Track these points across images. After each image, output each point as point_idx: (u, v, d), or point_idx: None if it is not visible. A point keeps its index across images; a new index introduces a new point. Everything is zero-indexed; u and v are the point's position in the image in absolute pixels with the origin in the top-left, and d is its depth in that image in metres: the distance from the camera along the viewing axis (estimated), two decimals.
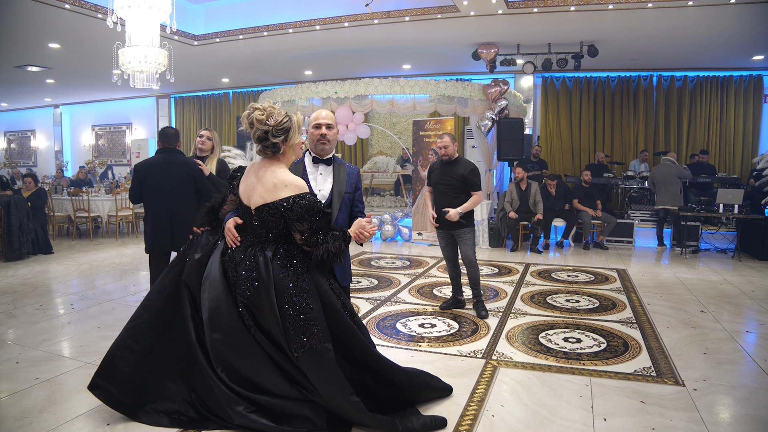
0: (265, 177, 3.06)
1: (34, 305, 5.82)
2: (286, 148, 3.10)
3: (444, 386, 3.50)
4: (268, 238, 3.09)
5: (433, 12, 8.96)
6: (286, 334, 2.94)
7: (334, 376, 2.92)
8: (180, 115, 17.72)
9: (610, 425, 3.15)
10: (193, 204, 4.91)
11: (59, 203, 11.25)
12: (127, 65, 7.20)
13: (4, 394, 3.55)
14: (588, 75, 13.12)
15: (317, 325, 2.93)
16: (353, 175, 3.50)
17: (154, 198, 4.93)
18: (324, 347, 2.92)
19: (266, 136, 3.03)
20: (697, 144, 12.49)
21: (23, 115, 20.68)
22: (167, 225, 4.91)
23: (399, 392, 3.23)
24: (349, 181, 3.45)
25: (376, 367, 3.15)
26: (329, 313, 3.03)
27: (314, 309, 2.96)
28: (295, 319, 2.93)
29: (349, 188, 3.44)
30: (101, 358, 3.00)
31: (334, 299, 3.08)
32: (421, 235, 10.19)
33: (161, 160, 4.97)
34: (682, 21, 8.89)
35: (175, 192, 4.90)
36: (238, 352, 3.01)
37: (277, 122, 3.02)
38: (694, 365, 4.09)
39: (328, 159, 3.47)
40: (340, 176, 3.43)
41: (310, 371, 2.94)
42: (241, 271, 3.05)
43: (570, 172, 13.10)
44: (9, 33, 9.74)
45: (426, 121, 10.12)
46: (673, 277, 7.30)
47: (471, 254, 5.33)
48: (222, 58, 12.09)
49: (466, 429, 3.10)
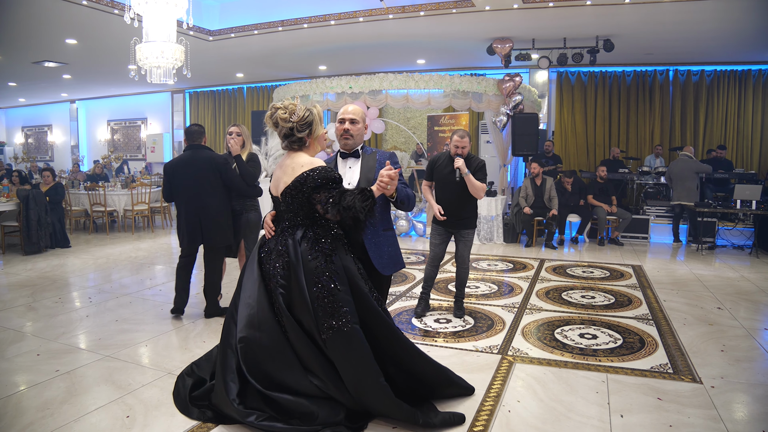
0: (286, 164, 3.16)
1: (53, 298, 5.89)
2: (311, 141, 3.20)
3: (466, 385, 3.46)
4: (297, 222, 3.14)
5: (448, 7, 8.93)
6: (315, 316, 2.97)
7: (363, 358, 2.95)
8: (195, 110, 17.80)
9: (627, 422, 3.14)
10: (220, 198, 5.08)
11: (76, 197, 11.36)
12: (144, 61, 7.25)
13: (26, 386, 3.61)
14: (603, 70, 13.01)
15: (345, 306, 2.96)
16: (383, 160, 3.35)
17: (183, 196, 5.09)
18: (353, 329, 2.94)
19: (292, 132, 3.13)
20: (714, 139, 12.35)
21: (40, 111, 20.89)
22: (196, 220, 5.04)
23: (420, 384, 3.21)
24: (379, 167, 3.33)
25: (401, 355, 3.14)
26: (357, 296, 3.04)
27: (342, 290, 2.98)
28: (323, 300, 2.96)
29: (378, 175, 3.24)
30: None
31: (362, 283, 3.09)
32: None
33: (187, 158, 5.11)
34: (700, 14, 8.78)
35: (201, 188, 5.03)
36: (262, 346, 3.05)
37: (300, 118, 3.11)
38: (711, 362, 4.06)
39: (356, 152, 3.44)
40: (369, 165, 3.37)
41: (338, 354, 2.96)
42: (273, 258, 3.13)
43: (585, 168, 13.01)
44: (27, 29, 9.84)
45: (440, 116, 10.10)
46: (689, 273, 7.24)
47: (468, 255, 5.23)
48: (237, 53, 12.12)
49: (483, 424, 3.10)
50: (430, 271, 5.29)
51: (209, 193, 5.04)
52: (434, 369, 3.28)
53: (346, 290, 3.00)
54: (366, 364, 2.95)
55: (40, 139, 21.36)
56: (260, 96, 16.42)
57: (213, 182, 5.05)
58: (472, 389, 3.47)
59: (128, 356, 4.17)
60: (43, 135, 21.26)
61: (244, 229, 5.40)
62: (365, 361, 2.95)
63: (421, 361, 3.22)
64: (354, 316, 2.97)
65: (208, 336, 4.65)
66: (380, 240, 3.37)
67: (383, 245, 3.37)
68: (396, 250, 3.48)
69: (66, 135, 20.58)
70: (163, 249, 9.18)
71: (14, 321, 5.06)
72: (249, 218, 5.41)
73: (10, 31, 9.94)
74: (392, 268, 3.44)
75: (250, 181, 5.16)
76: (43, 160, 20.37)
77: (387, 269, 3.40)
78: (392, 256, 3.43)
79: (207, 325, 5.00)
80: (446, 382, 3.35)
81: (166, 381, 3.69)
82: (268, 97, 15.78)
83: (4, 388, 3.57)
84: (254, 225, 5.45)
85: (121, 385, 3.63)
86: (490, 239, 9.77)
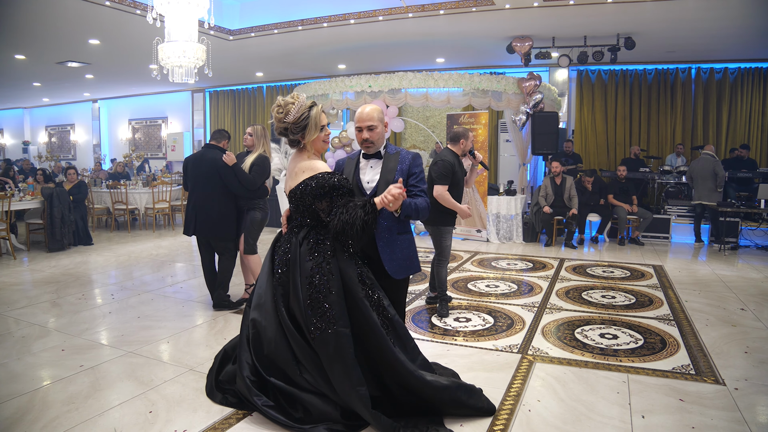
0: (291, 167, 3.21)
1: (77, 295, 5.98)
2: (305, 143, 3.18)
3: (481, 406, 3.18)
4: (304, 222, 3.18)
5: (468, 5, 8.89)
6: (305, 314, 2.99)
7: (345, 364, 2.92)
8: (215, 109, 17.93)
9: (648, 422, 3.12)
10: (218, 195, 5.33)
11: (98, 196, 11.52)
12: (166, 60, 7.31)
13: (52, 380, 3.67)
14: (624, 68, 12.88)
15: (333, 309, 2.95)
16: (405, 161, 3.30)
17: (190, 188, 5.48)
18: (338, 331, 2.93)
19: (286, 133, 3.15)
20: (737, 138, 12.16)
21: (63, 110, 21.20)
22: (192, 213, 5.37)
23: (420, 400, 3.05)
24: (401, 168, 3.28)
25: (394, 368, 3.00)
26: (351, 301, 3.01)
27: (334, 293, 2.97)
28: (314, 299, 2.98)
29: (399, 175, 3.25)
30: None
31: (358, 288, 3.03)
32: (454, 229, 10.14)
33: (198, 155, 5.49)
34: (724, 11, 8.66)
35: (203, 184, 5.36)
36: (266, 333, 3.13)
37: (295, 119, 3.11)
38: (734, 364, 4.01)
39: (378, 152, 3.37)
40: (389, 166, 3.29)
41: (323, 355, 2.98)
42: (281, 253, 3.21)
43: (605, 167, 12.90)
44: (52, 30, 9.98)
45: (460, 115, 10.06)
46: (711, 273, 7.16)
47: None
48: (257, 52, 12.19)
49: (503, 423, 3.10)
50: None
51: (208, 190, 5.33)
52: (435, 391, 3.03)
53: (338, 293, 2.99)
54: (346, 371, 2.92)
55: (63, 138, 21.67)
56: (280, 95, 16.35)
57: (213, 181, 5.31)
58: (493, 409, 3.22)
59: (150, 352, 4.23)
60: (66, 134, 21.57)
61: (246, 226, 5.55)
62: (346, 367, 2.92)
63: (414, 381, 2.99)
64: (343, 320, 2.96)
65: (229, 333, 4.69)
66: (394, 244, 3.30)
67: (397, 249, 3.30)
68: (410, 254, 3.39)
69: (88, 134, 20.86)
70: (183, 247, 9.26)
71: (39, 317, 5.15)
72: (252, 216, 5.54)
73: (34, 32, 10.10)
74: (404, 272, 3.35)
75: (247, 185, 5.29)
76: (65, 158, 20.68)
77: (399, 273, 3.32)
78: (406, 259, 3.35)
79: (228, 322, 5.04)
80: (454, 404, 3.10)
81: (187, 377, 3.73)
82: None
83: (31, 382, 3.64)
84: (257, 223, 5.59)
85: (143, 380, 3.68)
86: (510, 238, 9.73)
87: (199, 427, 3.05)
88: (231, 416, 3.16)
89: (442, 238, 5.31)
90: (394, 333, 3.09)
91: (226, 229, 5.40)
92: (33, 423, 3.07)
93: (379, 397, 3.01)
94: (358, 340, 3.00)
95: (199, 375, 3.77)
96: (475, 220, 9.57)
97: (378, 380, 3.06)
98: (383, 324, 3.04)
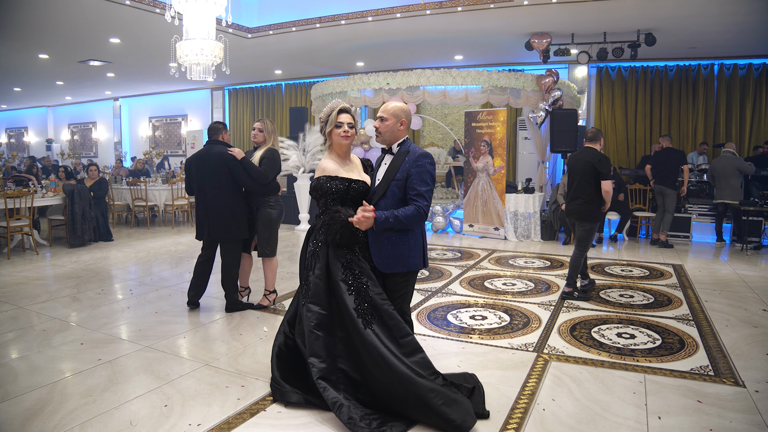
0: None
1: (96, 290, 6.06)
2: (326, 137, 3.49)
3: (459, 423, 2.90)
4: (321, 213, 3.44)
5: (486, 2, 8.85)
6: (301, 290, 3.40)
7: (307, 334, 3.22)
8: (234, 106, 18.04)
9: (665, 424, 3.07)
10: (228, 193, 5.10)
11: (118, 192, 11.66)
12: (184, 58, 7.37)
13: (71, 373, 3.73)
14: (644, 64, 12.73)
15: (312, 289, 3.27)
16: (410, 161, 3.28)
17: (197, 189, 5.23)
18: (308, 306, 3.26)
19: (322, 131, 3.50)
20: (762, 135, 11.95)
21: (85, 108, 21.51)
22: (204, 214, 5.16)
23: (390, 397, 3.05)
24: (403, 167, 3.29)
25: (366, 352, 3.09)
26: (332, 285, 3.26)
27: (316, 275, 3.28)
28: (303, 277, 3.40)
29: (400, 174, 3.26)
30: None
31: (338, 273, 3.24)
32: (472, 227, 10.13)
33: (202, 153, 5.22)
34: (747, 5, 8.50)
35: (210, 183, 5.11)
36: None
37: (321, 118, 3.50)
38: (755, 366, 3.94)
39: (391, 148, 3.41)
40: (395, 164, 3.31)
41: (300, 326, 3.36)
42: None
43: (625, 165, 12.76)
44: (74, 29, 10.13)
45: (478, 112, 10.02)
46: (732, 273, 7.05)
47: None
48: (275, 50, 12.25)
49: (517, 422, 3.08)
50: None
51: (217, 188, 5.08)
52: (405, 389, 2.97)
53: (319, 276, 3.27)
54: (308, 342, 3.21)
55: (85, 135, 21.98)
56: (298, 92, 16.56)
57: (222, 177, 5.06)
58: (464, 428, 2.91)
59: (167, 347, 4.27)
60: (87, 132, 21.87)
61: (258, 225, 5.25)
62: (308, 338, 3.21)
63: (381, 374, 3.04)
64: (315, 298, 3.25)
65: (245, 329, 4.72)
66: (381, 239, 3.29)
67: (383, 245, 3.28)
68: (402, 251, 3.30)
69: (109, 132, 21.13)
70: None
71: (60, 311, 5.22)
72: (265, 215, 5.21)
73: (57, 32, 10.26)
74: (391, 268, 3.30)
75: (258, 179, 5.05)
76: (87, 156, 20.96)
77: (385, 268, 3.30)
78: (393, 256, 3.29)
79: (243, 318, 5.07)
80: (419, 407, 2.96)
81: (203, 372, 3.77)
82: (306, 93, 15.90)
83: (51, 374, 3.70)
84: (272, 222, 5.26)
85: (160, 375, 3.71)
86: (528, 236, 9.67)
87: (213, 422, 3.07)
88: (244, 411, 3.19)
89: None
90: (379, 320, 3.16)
91: (240, 232, 5.16)
92: (52, 414, 3.11)
93: (358, 381, 3.17)
94: (340, 322, 3.24)
95: (215, 370, 3.80)
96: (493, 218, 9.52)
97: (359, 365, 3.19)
98: (362, 308, 3.17)
